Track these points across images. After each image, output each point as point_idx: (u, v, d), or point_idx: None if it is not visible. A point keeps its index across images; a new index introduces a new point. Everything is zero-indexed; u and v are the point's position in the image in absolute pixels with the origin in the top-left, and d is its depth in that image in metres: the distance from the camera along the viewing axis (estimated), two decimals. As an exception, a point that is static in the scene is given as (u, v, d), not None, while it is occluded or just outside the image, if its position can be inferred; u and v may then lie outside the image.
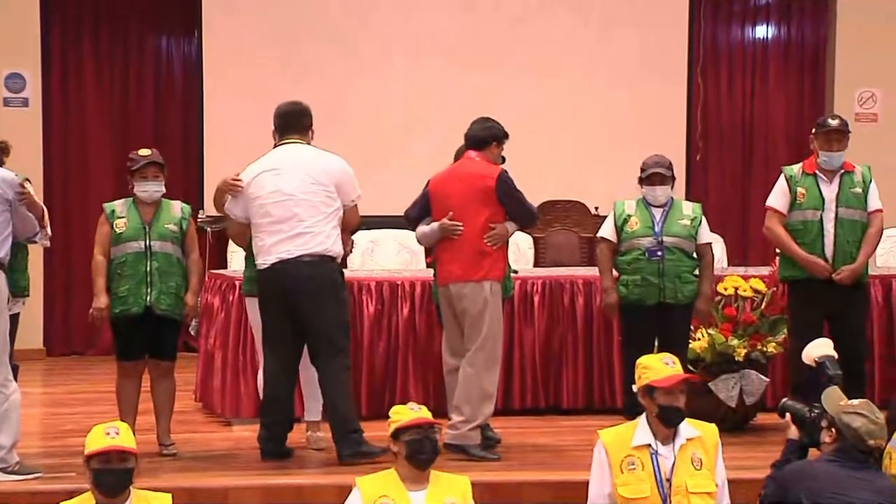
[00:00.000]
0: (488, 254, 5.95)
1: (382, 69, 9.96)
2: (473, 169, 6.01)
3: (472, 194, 5.94)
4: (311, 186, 5.79)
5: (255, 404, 6.80)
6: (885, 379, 7.27)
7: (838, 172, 6.27)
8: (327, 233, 5.78)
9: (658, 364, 4.42)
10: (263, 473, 5.81)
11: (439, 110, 9.65)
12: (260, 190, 5.86)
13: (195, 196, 9.72)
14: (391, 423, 4.11)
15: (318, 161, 5.88)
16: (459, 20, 10.12)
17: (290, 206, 5.77)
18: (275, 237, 5.78)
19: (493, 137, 6.09)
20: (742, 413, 6.65)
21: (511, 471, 5.74)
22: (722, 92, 10.70)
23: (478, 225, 5.93)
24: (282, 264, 5.75)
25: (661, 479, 4.29)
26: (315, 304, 5.74)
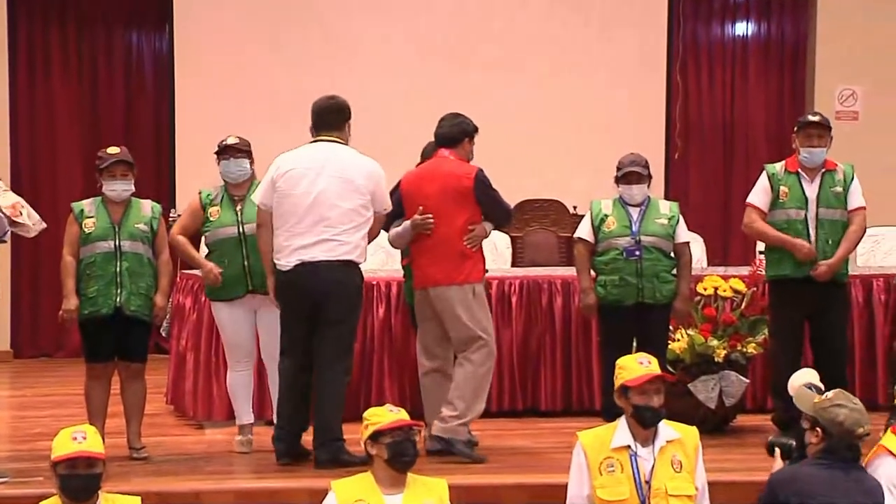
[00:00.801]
0: (468, 256, 5.95)
1: (364, 66, 9.93)
2: (449, 168, 5.99)
3: (448, 195, 5.93)
4: (348, 193, 5.70)
5: (228, 407, 6.78)
6: (865, 381, 7.31)
7: (820, 171, 6.30)
8: (356, 242, 5.70)
9: (633, 364, 4.44)
10: (236, 477, 5.81)
11: (416, 107, 9.63)
12: (292, 188, 5.74)
13: (167, 195, 9.68)
14: (369, 426, 4.10)
15: (356, 165, 5.75)
16: (434, 17, 10.12)
17: (321, 212, 5.68)
18: (301, 240, 5.69)
19: (464, 134, 6.08)
20: (722, 414, 6.67)
21: (488, 473, 5.74)
22: (702, 90, 10.73)
23: (456, 226, 5.92)
24: (303, 266, 5.67)
25: (641, 481, 4.30)
26: (337, 308, 5.70)
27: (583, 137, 9.99)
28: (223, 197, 6.19)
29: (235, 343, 6.21)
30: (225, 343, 6.30)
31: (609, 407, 6.27)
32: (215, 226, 6.14)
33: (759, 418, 6.83)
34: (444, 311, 5.92)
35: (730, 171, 10.75)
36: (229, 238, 6.10)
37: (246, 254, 6.08)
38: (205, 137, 9.69)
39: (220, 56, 9.88)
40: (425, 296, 5.99)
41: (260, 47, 9.92)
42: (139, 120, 10.30)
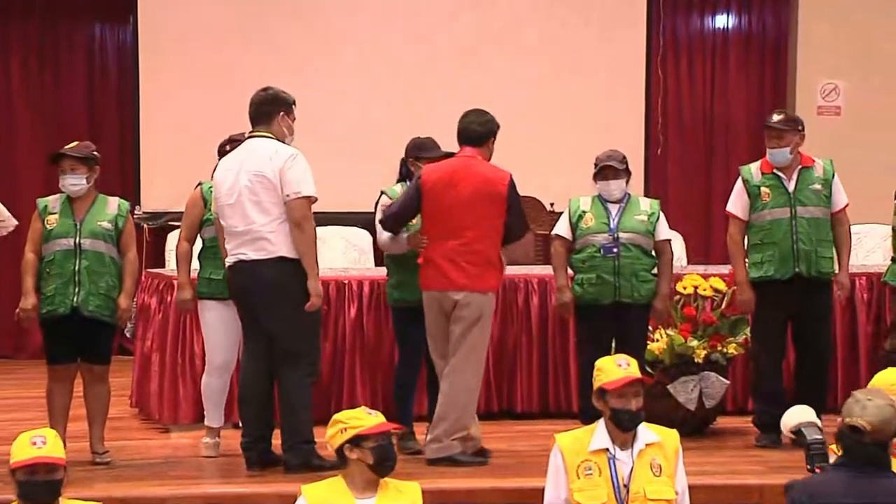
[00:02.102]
0: (493, 263, 5.92)
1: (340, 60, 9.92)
2: (482, 171, 5.93)
3: (480, 198, 5.86)
4: (263, 188, 5.68)
5: (195, 410, 6.76)
6: (847, 381, 7.34)
7: (796, 168, 6.33)
8: (284, 233, 5.67)
9: (611, 366, 4.43)
10: (203, 482, 5.79)
11: (388, 104, 9.65)
12: (218, 192, 5.84)
13: (132, 191, 9.63)
14: (348, 429, 4.06)
15: (265, 156, 5.73)
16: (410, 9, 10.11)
17: (244, 211, 5.70)
18: (233, 240, 5.76)
19: (491, 133, 6.05)
20: (702, 416, 6.69)
21: (463, 477, 5.73)
22: (682, 84, 10.76)
23: (483, 231, 5.87)
24: (239, 264, 5.73)
25: (619, 485, 4.30)
26: (269, 309, 5.69)
27: (560, 133, 9.99)
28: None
29: (220, 345, 6.17)
30: (207, 344, 6.25)
31: (587, 409, 6.27)
32: (211, 222, 6.10)
33: (739, 420, 6.86)
34: (462, 315, 5.86)
35: (711, 168, 10.78)
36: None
37: None
38: (171, 133, 9.78)
39: (186, 49, 9.84)
40: (440, 298, 5.91)
41: (229, 40, 9.88)
42: (102, 115, 10.24)
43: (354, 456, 4.04)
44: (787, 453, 6.22)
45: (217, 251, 6.06)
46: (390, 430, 4.12)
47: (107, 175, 6.63)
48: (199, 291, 6.16)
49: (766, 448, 6.31)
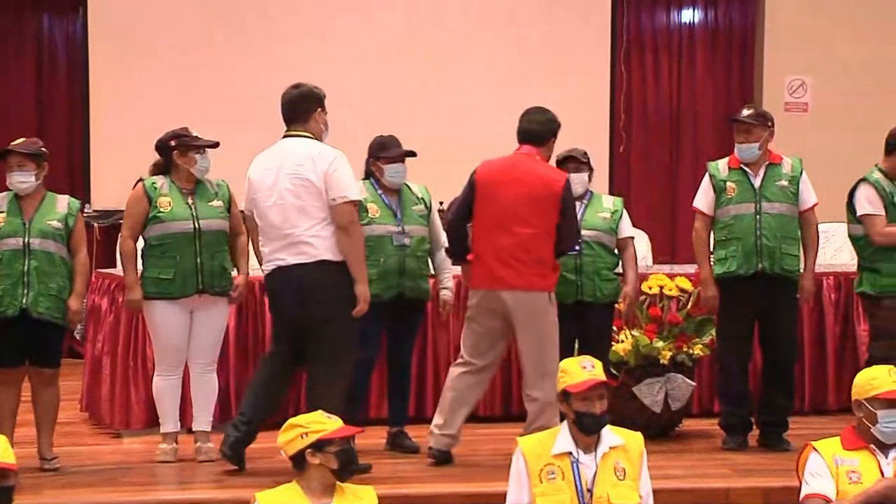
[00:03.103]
0: (546, 263, 5.92)
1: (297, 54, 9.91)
2: (539, 170, 5.95)
3: (535, 198, 5.88)
4: (304, 190, 5.71)
5: (147, 414, 6.74)
6: (815, 382, 7.42)
7: (763, 164, 6.39)
8: (325, 236, 5.70)
9: (575, 368, 4.45)
10: (157, 488, 5.77)
11: (352, 102, 9.64)
12: (257, 192, 5.84)
13: (81, 188, 9.59)
14: (309, 434, 4.07)
15: (307, 158, 5.73)
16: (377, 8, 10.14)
17: (284, 214, 5.72)
18: (272, 245, 5.78)
19: (552, 133, 6.07)
20: (667, 419, 6.74)
21: (424, 482, 5.75)
22: (647, 80, 10.81)
23: (538, 231, 5.88)
24: (280, 271, 5.75)
25: (582, 489, 4.33)
26: (315, 311, 5.69)
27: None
28: (171, 186, 6.14)
29: (170, 346, 6.15)
30: (157, 346, 6.22)
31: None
32: (167, 217, 6.07)
33: (705, 423, 6.91)
34: (519, 317, 5.89)
35: (676, 165, 10.85)
36: (184, 233, 6.05)
37: (199, 250, 6.06)
38: (122, 129, 9.72)
39: (138, 42, 9.81)
40: (491, 298, 5.93)
41: (183, 33, 9.85)
42: (51, 110, 10.18)
43: (317, 461, 4.05)
44: (753, 456, 6.29)
45: (165, 249, 6.05)
46: (354, 434, 4.14)
47: (55, 172, 6.60)
48: (147, 291, 6.12)
49: (732, 451, 6.36)
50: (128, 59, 9.77)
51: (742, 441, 6.43)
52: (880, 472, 4.17)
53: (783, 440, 6.41)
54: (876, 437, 4.23)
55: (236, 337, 6.97)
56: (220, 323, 6.24)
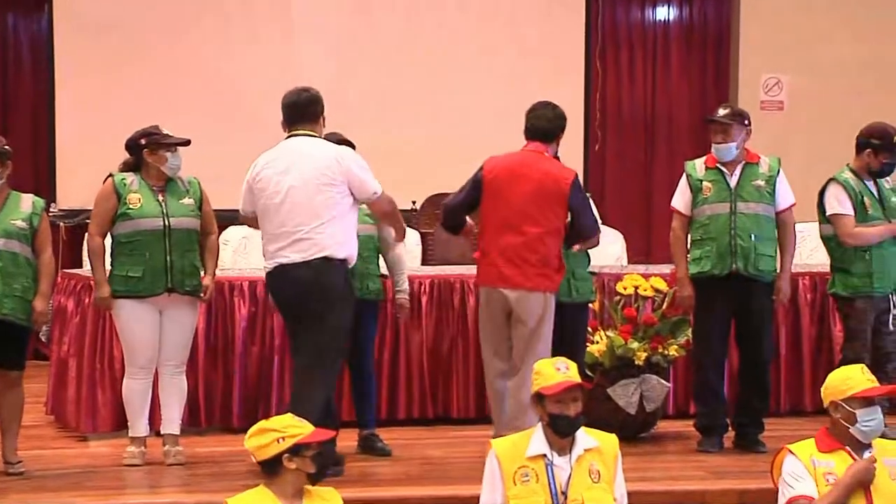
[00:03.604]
0: (551, 263, 5.93)
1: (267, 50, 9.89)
2: (547, 167, 5.95)
3: (542, 195, 5.88)
4: (317, 187, 5.73)
5: (115, 417, 6.71)
6: (791, 383, 7.45)
7: (739, 163, 6.42)
8: (331, 236, 5.73)
9: (549, 369, 4.45)
10: (125, 493, 5.75)
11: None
12: (262, 190, 5.84)
13: (46, 187, 9.54)
14: (286, 438, 4.05)
15: (324, 156, 5.77)
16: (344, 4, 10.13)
17: (292, 211, 5.74)
18: (276, 243, 5.79)
19: (560, 129, 6.08)
20: (642, 421, 6.75)
21: (396, 485, 5.75)
22: (622, 77, 10.83)
23: (545, 230, 5.89)
24: (282, 269, 5.76)
25: (557, 492, 4.33)
26: (312, 309, 5.71)
27: (497, 127, 9.97)
28: (140, 184, 6.11)
29: (139, 346, 6.12)
30: (126, 346, 6.19)
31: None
32: (137, 215, 6.05)
33: (681, 424, 6.94)
34: (519, 315, 5.89)
35: (651, 164, 10.87)
36: (153, 230, 6.04)
37: (169, 248, 6.04)
38: (87, 127, 9.68)
39: (104, 39, 9.76)
40: (496, 295, 5.94)
41: (149, 30, 9.82)
42: (15, 107, 10.13)
43: (293, 465, 4.05)
44: (728, 458, 6.32)
45: (134, 247, 6.03)
46: (329, 438, 4.14)
47: (20, 171, 6.55)
48: (115, 290, 6.09)
49: (707, 453, 6.38)
50: (94, 58, 9.73)
51: (717, 443, 6.45)
52: (860, 471, 4.20)
53: (759, 442, 6.44)
54: (854, 437, 4.25)
55: (206, 338, 6.95)
56: (191, 324, 6.22)
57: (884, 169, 6.44)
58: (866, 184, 6.44)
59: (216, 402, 7.04)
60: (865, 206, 6.38)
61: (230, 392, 7.01)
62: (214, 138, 9.23)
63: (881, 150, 6.38)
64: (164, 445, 6.17)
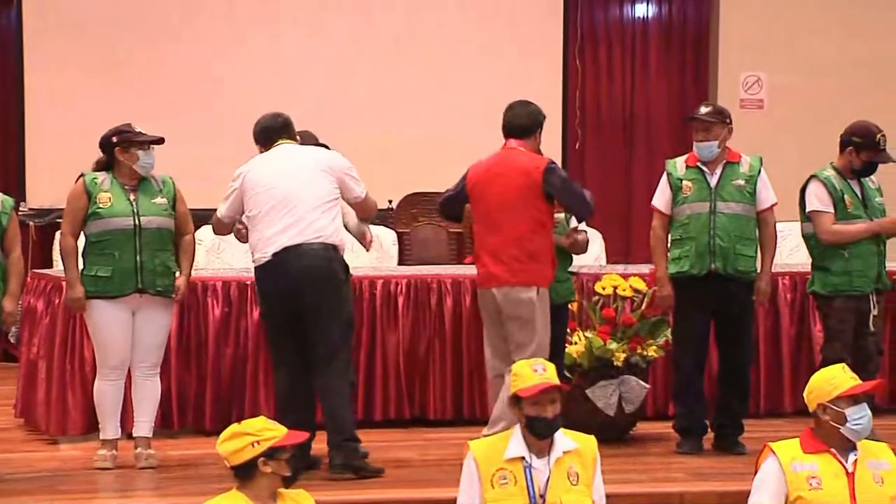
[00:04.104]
0: (536, 257, 5.93)
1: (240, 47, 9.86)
2: (520, 162, 5.98)
3: (516, 190, 5.91)
4: (311, 175, 5.88)
5: (86, 420, 6.67)
6: (770, 384, 7.47)
7: (720, 162, 6.43)
8: (328, 220, 5.86)
9: (527, 371, 4.44)
10: (97, 496, 5.73)
11: (291, 95, 9.61)
12: (255, 183, 5.92)
13: (16, 186, 9.49)
14: (262, 442, 4.03)
15: (314, 154, 6.00)
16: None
17: (288, 195, 5.84)
18: (273, 227, 5.83)
19: (537, 124, 6.13)
20: (621, 422, 6.76)
21: (371, 488, 5.73)
22: (601, 76, 10.85)
23: (524, 224, 5.90)
24: (281, 254, 5.80)
25: (535, 494, 4.33)
26: (313, 300, 5.78)
27: (476, 126, 9.99)
28: (112, 182, 6.09)
29: (111, 347, 6.10)
30: (98, 347, 6.16)
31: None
32: (107, 214, 6.03)
33: (660, 426, 6.94)
34: (507, 312, 5.91)
35: (631, 163, 10.89)
36: (123, 230, 6.02)
37: (139, 248, 6.02)
38: (58, 124, 9.63)
39: (74, 34, 9.73)
40: (489, 296, 5.98)
41: (119, 26, 9.77)
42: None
43: (269, 469, 4.03)
44: (708, 459, 6.33)
45: (104, 247, 6.01)
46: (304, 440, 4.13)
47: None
48: (86, 290, 6.07)
49: (687, 454, 6.39)
50: (64, 54, 9.68)
51: (697, 444, 6.46)
52: (846, 474, 4.21)
53: (738, 443, 6.45)
54: (841, 438, 4.24)
55: (178, 339, 6.92)
56: (164, 325, 6.20)
57: (865, 168, 6.45)
58: (849, 182, 6.45)
59: (189, 404, 7.01)
60: (846, 205, 6.40)
61: (203, 394, 6.99)
62: (191, 137, 9.21)
63: (863, 148, 6.40)
64: (135, 448, 6.14)
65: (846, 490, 4.18)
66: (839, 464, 4.23)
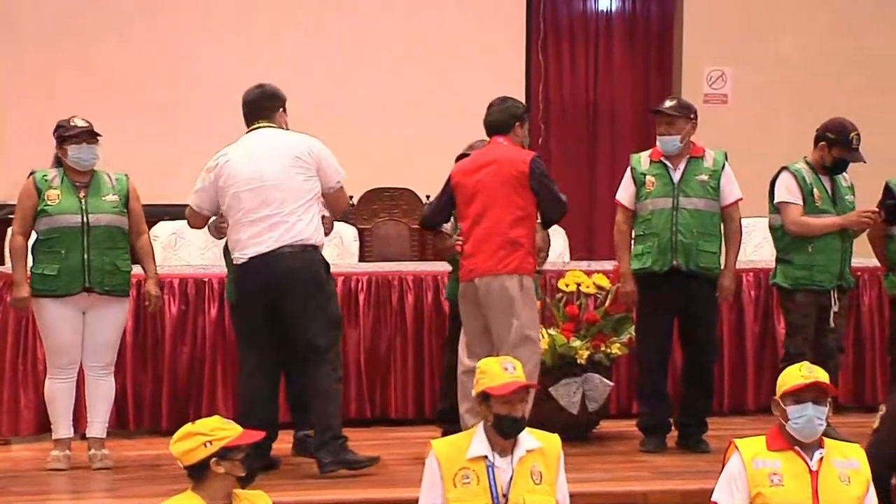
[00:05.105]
0: (519, 246, 5.95)
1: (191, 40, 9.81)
2: (503, 153, 6.02)
3: (502, 180, 5.95)
4: (289, 170, 5.80)
5: (38, 420, 6.63)
6: (734, 382, 7.51)
7: (684, 157, 6.46)
8: (308, 222, 5.81)
9: (496, 369, 4.45)
10: (50, 498, 5.69)
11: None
12: (232, 179, 5.84)
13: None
14: (214, 442, 4.01)
15: (291, 143, 5.90)
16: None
17: (266, 195, 5.78)
18: (252, 228, 5.79)
19: (513, 118, 6.14)
20: (585, 421, 6.78)
21: (330, 488, 5.72)
22: (564, 70, 10.85)
23: (507, 214, 5.93)
24: (260, 258, 5.76)
25: (498, 494, 4.33)
26: (295, 302, 5.76)
27: (436, 121, 10.03)
28: (62, 180, 6.04)
29: (60, 346, 6.07)
30: (47, 346, 6.14)
31: (443, 413, 6.35)
32: (55, 211, 5.99)
33: (624, 424, 6.97)
34: (488, 302, 5.92)
35: (594, 158, 10.90)
36: (71, 227, 5.98)
37: (87, 246, 5.98)
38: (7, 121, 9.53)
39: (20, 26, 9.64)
40: (471, 288, 5.98)
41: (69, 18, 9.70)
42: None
43: (222, 470, 4.02)
44: (671, 458, 6.36)
45: (52, 245, 5.98)
46: (258, 440, 4.12)
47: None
48: (34, 289, 6.03)
49: (650, 453, 6.42)
50: (10, 44, 9.59)
51: (660, 443, 6.49)
52: (809, 471, 4.23)
53: (702, 441, 6.48)
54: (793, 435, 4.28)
55: (134, 338, 6.89)
56: (116, 324, 6.16)
57: (836, 164, 6.49)
58: (819, 177, 6.49)
59: (145, 404, 6.98)
60: (815, 199, 6.44)
61: (159, 393, 6.96)
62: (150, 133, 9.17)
63: (835, 144, 6.44)
64: (89, 449, 6.10)
65: (809, 488, 4.21)
66: (803, 462, 4.25)
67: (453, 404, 6.32)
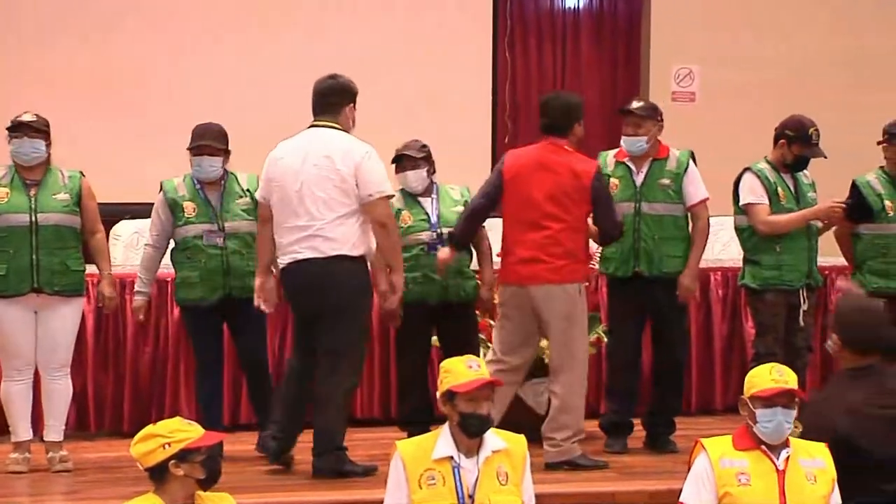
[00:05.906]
0: (577, 255, 5.99)
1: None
2: (568, 161, 6.00)
3: (565, 191, 5.95)
4: (327, 182, 5.74)
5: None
6: (701, 382, 7.54)
7: (647, 160, 6.47)
8: (344, 234, 5.75)
9: (460, 367, 4.46)
10: (6, 501, 5.64)
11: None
12: (278, 181, 5.84)
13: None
14: (173, 444, 3.99)
15: (336, 150, 5.80)
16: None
17: (305, 205, 5.75)
18: (289, 236, 5.80)
19: (574, 120, 6.13)
20: (552, 421, 6.78)
21: (296, 490, 5.72)
22: (531, 67, 10.85)
23: (568, 225, 5.94)
24: (295, 265, 5.78)
25: (464, 495, 4.34)
26: (327, 307, 5.74)
27: (399, 120, 9.96)
28: (13, 178, 6.02)
29: (13, 348, 6.04)
30: (2, 347, 6.09)
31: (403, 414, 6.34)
32: (2, 210, 5.97)
33: (591, 424, 6.95)
34: (553, 313, 5.95)
35: (560, 156, 10.91)
36: (19, 226, 5.95)
37: (36, 246, 5.95)
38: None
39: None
40: (521, 294, 5.98)
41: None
42: None
43: (181, 472, 3.99)
44: (639, 458, 6.39)
45: (1, 244, 5.95)
46: (221, 441, 4.10)
47: None
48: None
49: (616, 453, 6.44)
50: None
51: (624, 443, 6.52)
52: (776, 470, 4.26)
53: (670, 442, 6.51)
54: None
55: (95, 338, 6.85)
56: (70, 325, 6.11)
57: (797, 161, 6.52)
58: (782, 176, 6.52)
59: (106, 406, 6.95)
60: (780, 197, 6.47)
61: (121, 395, 6.93)
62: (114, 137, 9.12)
63: (795, 141, 6.47)
64: (47, 453, 6.07)
65: (776, 488, 4.24)
66: (769, 461, 4.28)
67: (415, 407, 6.35)
